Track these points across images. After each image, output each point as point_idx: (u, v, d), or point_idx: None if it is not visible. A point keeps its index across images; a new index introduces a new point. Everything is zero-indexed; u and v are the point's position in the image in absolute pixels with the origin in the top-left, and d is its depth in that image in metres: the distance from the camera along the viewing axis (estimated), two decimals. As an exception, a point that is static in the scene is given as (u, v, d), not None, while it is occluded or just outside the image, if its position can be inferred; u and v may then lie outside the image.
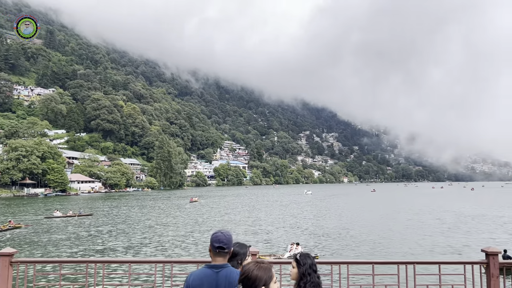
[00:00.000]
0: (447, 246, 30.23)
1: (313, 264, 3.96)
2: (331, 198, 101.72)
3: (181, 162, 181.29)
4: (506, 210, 63.51)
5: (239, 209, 63.45)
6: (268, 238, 34.04)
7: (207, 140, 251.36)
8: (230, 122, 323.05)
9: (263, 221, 47.07)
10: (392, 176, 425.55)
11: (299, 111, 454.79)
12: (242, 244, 4.18)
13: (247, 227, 41.42)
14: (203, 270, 3.55)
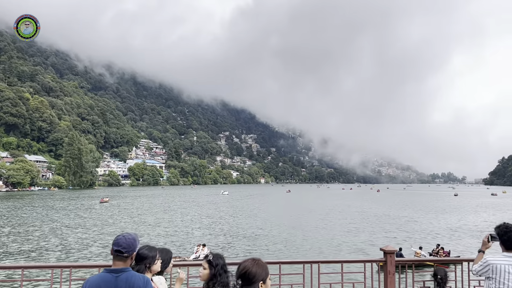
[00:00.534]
0: (353, 245, 31.69)
1: (224, 264, 3.93)
2: (248, 198, 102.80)
3: (93, 160, 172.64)
4: (407, 211, 68.53)
5: (153, 210, 61.62)
6: (180, 240, 33.31)
7: (122, 138, 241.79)
8: (147, 120, 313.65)
9: (177, 222, 46.11)
10: (306, 178, 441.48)
11: (219, 111, 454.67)
12: (151, 247, 4.04)
13: (160, 228, 40.26)
14: (101, 275, 3.35)
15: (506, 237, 4.55)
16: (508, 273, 4.44)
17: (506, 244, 4.57)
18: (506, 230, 4.56)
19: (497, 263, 4.50)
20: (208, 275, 3.88)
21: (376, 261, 6.59)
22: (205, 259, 3.96)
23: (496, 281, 4.47)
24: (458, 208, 74.57)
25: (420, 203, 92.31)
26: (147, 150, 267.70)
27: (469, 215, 60.92)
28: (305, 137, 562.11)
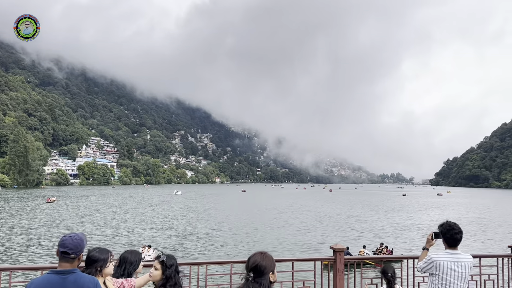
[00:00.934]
0: (305, 244, 32.06)
1: (177, 265, 3.89)
2: (202, 198, 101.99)
3: (40, 158, 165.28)
4: (357, 210, 70.39)
5: (103, 211, 59.72)
6: (131, 241, 32.43)
7: (71, 136, 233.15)
8: (98, 117, 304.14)
9: (128, 222, 44.91)
10: (261, 177, 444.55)
11: (173, 109, 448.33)
12: (102, 250, 3.92)
13: (110, 229, 39.04)
14: (46, 277, 3.19)
15: (449, 235, 4.73)
16: (451, 269, 4.63)
17: (449, 242, 4.75)
18: (449, 228, 4.72)
19: (441, 260, 4.67)
20: (160, 276, 3.79)
21: (325, 259, 6.62)
22: (157, 260, 3.85)
23: (440, 277, 4.66)
24: (406, 208, 77.45)
25: (370, 202, 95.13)
26: (98, 149, 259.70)
27: (416, 214, 63.40)
28: (260, 137, 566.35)
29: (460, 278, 4.64)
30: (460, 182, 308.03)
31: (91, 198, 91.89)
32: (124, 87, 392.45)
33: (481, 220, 52.79)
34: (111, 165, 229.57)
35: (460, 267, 4.64)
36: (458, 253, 4.71)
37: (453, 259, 4.67)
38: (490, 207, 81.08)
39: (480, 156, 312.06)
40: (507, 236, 37.91)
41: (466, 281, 4.70)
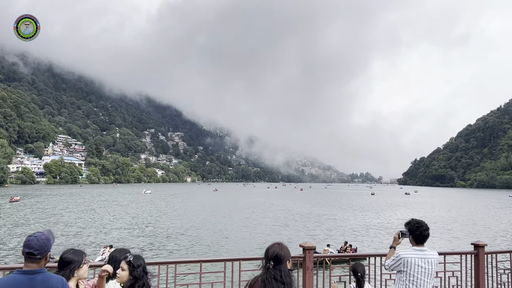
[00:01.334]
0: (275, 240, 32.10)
1: (145, 266, 3.79)
2: (173, 197, 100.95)
3: (4, 156, 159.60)
4: (327, 209, 71.23)
5: (70, 210, 58.27)
6: (98, 240, 31.76)
7: (37, 133, 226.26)
8: (66, 114, 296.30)
9: (96, 222, 43.98)
10: (233, 176, 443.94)
11: (144, 107, 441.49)
12: (77, 251, 3.83)
13: (76, 229, 38.13)
14: (12, 277, 3.07)
15: (418, 232, 4.83)
16: (418, 266, 4.72)
17: (417, 239, 4.84)
18: (418, 225, 4.84)
19: (408, 256, 4.76)
20: (127, 277, 3.69)
21: (295, 257, 6.61)
22: (124, 260, 3.75)
23: (407, 274, 4.75)
24: (374, 207, 78.86)
25: (340, 201, 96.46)
26: (65, 146, 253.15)
27: (384, 213, 64.64)
28: (232, 136, 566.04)
29: (426, 274, 4.74)
30: (427, 182, 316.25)
31: (58, 197, 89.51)
32: (92, 84, 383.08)
33: (446, 219, 54.33)
34: (79, 163, 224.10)
35: (427, 264, 4.75)
36: (425, 250, 4.82)
37: (420, 255, 4.76)
38: (455, 206, 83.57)
39: (446, 156, 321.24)
40: (471, 234, 39.13)
41: (432, 277, 4.81)
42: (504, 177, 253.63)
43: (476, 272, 6.99)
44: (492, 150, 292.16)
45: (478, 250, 7.04)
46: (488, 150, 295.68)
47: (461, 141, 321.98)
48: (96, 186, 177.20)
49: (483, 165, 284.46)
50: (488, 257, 7.19)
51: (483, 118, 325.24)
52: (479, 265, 6.98)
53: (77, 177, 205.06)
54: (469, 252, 7.12)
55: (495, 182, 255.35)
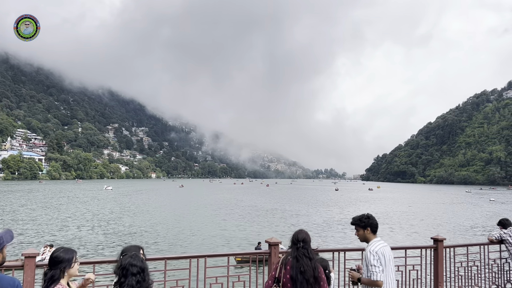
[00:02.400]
0: (242, 238, 32.21)
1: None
2: (137, 194, 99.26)
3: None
4: (293, 204, 71.94)
5: (28, 207, 56.29)
6: (55, 239, 30.87)
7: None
8: (25, 108, 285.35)
9: (55, 220, 42.71)
10: (199, 172, 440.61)
11: (107, 101, 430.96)
12: (67, 249, 3.75)
13: (35, 226, 36.89)
14: None
15: (375, 223, 4.99)
16: (388, 253, 4.85)
17: (374, 230, 4.97)
18: (370, 217, 5.02)
19: (380, 247, 4.83)
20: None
21: (260, 253, 6.63)
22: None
23: (384, 264, 4.82)
24: (338, 202, 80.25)
25: (305, 197, 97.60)
26: (24, 141, 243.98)
27: (348, 208, 65.86)
28: (198, 132, 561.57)
29: (392, 261, 4.90)
30: (389, 178, 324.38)
31: (16, 193, 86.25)
32: (52, 76, 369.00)
33: (408, 214, 55.91)
34: (39, 158, 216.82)
35: (390, 251, 4.90)
36: (380, 239, 4.95)
37: (385, 244, 4.89)
38: (416, 201, 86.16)
39: (407, 153, 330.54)
40: (431, 228, 40.44)
41: None
42: (462, 173, 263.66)
43: (436, 265, 7.21)
44: (451, 147, 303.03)
45: (438, 244, 7.26)
46: (447, 147, 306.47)
47: (421, 138, 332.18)
48: (57, 182, 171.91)
49: (442, 161, 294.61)
50: (447, 250, 7.43)
51: (443, 116, 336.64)
52: (438, 259, 7.20)
53: (37, 172, 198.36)
54: (429, 246, 7.33)
55: (453, 178, 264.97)
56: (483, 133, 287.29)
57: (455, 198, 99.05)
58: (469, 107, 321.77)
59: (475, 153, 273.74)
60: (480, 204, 79.85)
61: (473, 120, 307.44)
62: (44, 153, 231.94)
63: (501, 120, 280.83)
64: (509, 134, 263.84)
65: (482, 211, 61.78)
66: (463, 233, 37.81)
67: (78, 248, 26.87)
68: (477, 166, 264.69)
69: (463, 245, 7.85)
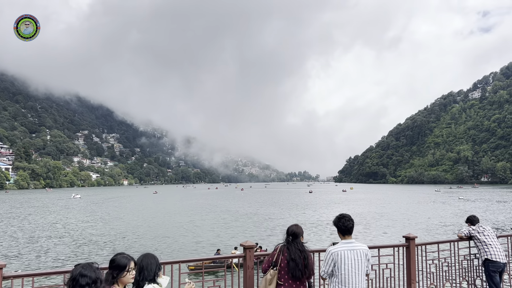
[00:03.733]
0: (218, 243, 31.99)
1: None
2: (108, 201, 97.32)
3: None
4: (267, 208, 72.06)
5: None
6: (21, 252, 29.93)
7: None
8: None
9: (21, 231, 41.44)
10: (172, 178, 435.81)
11: (76, 108, 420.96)
12: (124, 256, 3.70)
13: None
14: None
15: (341, 223, 5.04)
16: (347, 258, 4.88)
17: (342, 230, 5.05)
18: (340, 217, 5.09)
19: (338, 250, 4.93)
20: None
21: (236, 256, 6.60)
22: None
23: (340, 268, 4.90)
24: (312, 204, 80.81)
25: (280, 200, 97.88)
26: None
27: (322, 210, 66.39)
28: (169, 137, 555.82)
29: (356, 266, 4.88)
30: (361, 179, 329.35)
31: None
32: (16, 82, 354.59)
33: (380, 214, 56.79)
34: (6, 168, 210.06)
35: (356, 255, 4.89)
36: (352, 242, 4.98)
37: (349, 247, 4.92)
38: (388, 201, 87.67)
39: (378, 154, 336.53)
40: (403, 227, 41.18)
41: (363, 268, 4.94)
42: (431, 173, 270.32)
43: (408, 263, 7.31)
44: (420, 148, 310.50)
45: (409, 243, 7.37)
46: (416, 147, 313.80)
47: (392, 140, 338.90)
48: (24, 192, 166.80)
49: (412, 162, 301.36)
50: (419, 248, 7.54)
51: (412, 118, 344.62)
52: (410, 256, 7.31)
53: (3, 182, 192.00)
54: (401, 245, 7.43)
55: (424, 177, 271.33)
56: (450, 133, 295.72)
57: (426, 197, 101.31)
58: (437, 108, 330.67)
59: (443, 153, 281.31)
60: (450, 202, 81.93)
61: (441, 121, 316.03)
62: (11, 162, 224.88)
63: (468, 120, 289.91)
64: (475, 134, 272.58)
65: (451, 209, 63.39)
66: (433, 231, 38.65)
67: (47, 260, 26.16)
68: (446, 165, 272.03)
69: (434, 243, 7.98)
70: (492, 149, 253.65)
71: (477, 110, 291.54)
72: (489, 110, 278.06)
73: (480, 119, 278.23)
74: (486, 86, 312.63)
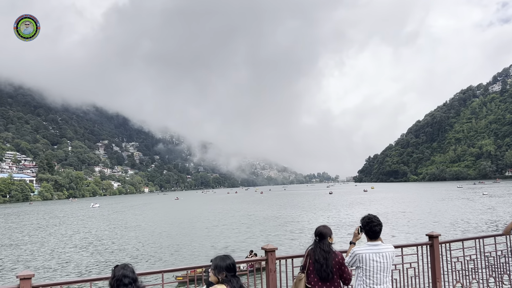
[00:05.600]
0: (241, 246, 32.04)
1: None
2: (130, 209, 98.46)
3: None
4: (288, 210, 71.85)
5: (13, 230, 55.63)
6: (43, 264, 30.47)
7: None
8: (13, 129, 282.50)
9: (44, 242, 42.23)
10: (192, 184, 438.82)
11: (95, 118, 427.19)
12: (222, 257, 4.23)
13: (26, 248, 36.43)
14: None
15: (368, 228, 5.02)
16: (373, 260, 4.89)
17: (369, 234, 5.04)
18: (368, 221, 5.02)
19: (363, 252, 4.93)
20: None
21: (257, 260, 6.62)
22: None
23: (363, 270, 4.92)
24: (335, 205, 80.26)
25: (300, 202, 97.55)
26: (14, 163, 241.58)
27: (344, 211, 65.89)
28: (186, 143, 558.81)
29: (382, 268, 4.90)
30: (381, 178, 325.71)
31: (4, 217, 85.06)
32: (33, 94, 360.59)
33: (403, 213, 56.06)
34: (30, 180, 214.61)
35: (382, 257, 4.90)
36: (378, 244, 4.97)
37: (374, 250, 4.92)
38: (410, 200, 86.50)
39: (398, 152, 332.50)
40: (426, 225, 40.59)
41: (389, 270, 4.97)
42: (453, 169, 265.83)
43: (432, 262, 7.23)
44: (441, 144, 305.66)
45: (433, 241, 7.28)
46: (437, 144, 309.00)
47: (411, 137, 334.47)
48: (48, 203, 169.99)
49: (433, 159, 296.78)
50: (442, 246, 7.45)
51: (431, 114, 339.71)
52: (434, 255, 7.23)
53: (28, 194, 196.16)
54: (425, 243, 7.35)
55: (445, 174, 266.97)
56: (471, 128, 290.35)
57: (448, 194, 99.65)
58: (456, 103, 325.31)
59: (465, 148, 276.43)
60: (473, 198, 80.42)
61: (461, 116, 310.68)
62: (35, 174, 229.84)
63: (489, 114, 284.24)
64: (498, 128, 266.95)
65: (475, 206, 62.21)
66: (458, 228, 37.99)
67: (69, 268, 26.56)
68: (468, 161, 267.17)
69: (458, 240, 7.88)
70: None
71: (498, 103, 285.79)
72: (511, 103, 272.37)
73: (502, 113, 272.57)
74: (507, 78, 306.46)
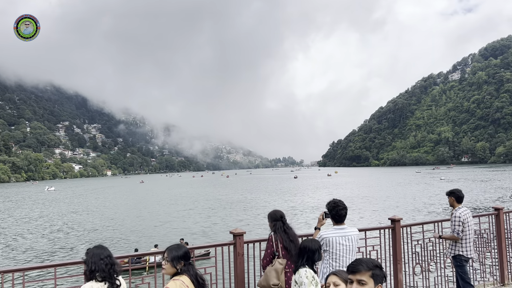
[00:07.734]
0: (208, 230, 32.09)
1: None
2: (91, 193, 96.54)
3: None
4: (253, 194, 72.37)
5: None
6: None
7: None
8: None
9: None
10: (156, 167, 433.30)
11: (55, 98, 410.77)
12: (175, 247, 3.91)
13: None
14: None
15: (335, 212, 5.13)
16: (339, 244, 5.02)
17: (335, 218, 5.16)
18: (334, 205, 5.14)
19: (330, 236, 5.04)
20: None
21: (226, 244, 6.62)
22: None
23: (330, 253, 5.03)
24: (299, 189, 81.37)
25: (266, 186, 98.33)
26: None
27: (308, 195, 66.95)
28: (151, 125, 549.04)
29: (348, 251, 5.05)
30: (344, 163, 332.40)
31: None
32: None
33: (366, 197, 57.51)
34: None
35: (348, 241, 5.05)
36: (344, 228, 5.12)
37: (341, 233, 5.07)
38: (372, 184, 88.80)
39: (361, 137, 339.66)
40: (388, 209, 41.86)
41: (354, 253, 5.13)
42: (413, 155, 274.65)
43: (394, 245, 7.48)
44: (402, 130, 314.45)
45: (395, 224, 7.53)
46: (398, 130, 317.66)
47: (374, 123, 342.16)
48: (5, 185, 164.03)
49: (394, 144, 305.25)
50: (404, 230, 7.72)
51: (393, 100, 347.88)
52: (396, 238, 7.48)
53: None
54: (387, 227, 7.58)
55: (406, 159, 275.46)
56: (431, 115, 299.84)
57: (408, 179, 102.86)
58: (418, 91, 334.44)
59: (424, 134, 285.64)
60: (432, 183, 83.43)
61: (422, 103, 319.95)
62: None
63: (448, 102, 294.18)
64: (455, 115, 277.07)
65: (434, 190, 64.59)
66: (418, 212, 39.38)
67: (24, 254, 25.95)
68: (427, 147, 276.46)
69: (418, 224, 8.16)
70: (471, 129, 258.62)
71: (457, 91, 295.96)
72: (469, 91, 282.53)
73: (460, 101, 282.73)
74: (465, 67, 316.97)
